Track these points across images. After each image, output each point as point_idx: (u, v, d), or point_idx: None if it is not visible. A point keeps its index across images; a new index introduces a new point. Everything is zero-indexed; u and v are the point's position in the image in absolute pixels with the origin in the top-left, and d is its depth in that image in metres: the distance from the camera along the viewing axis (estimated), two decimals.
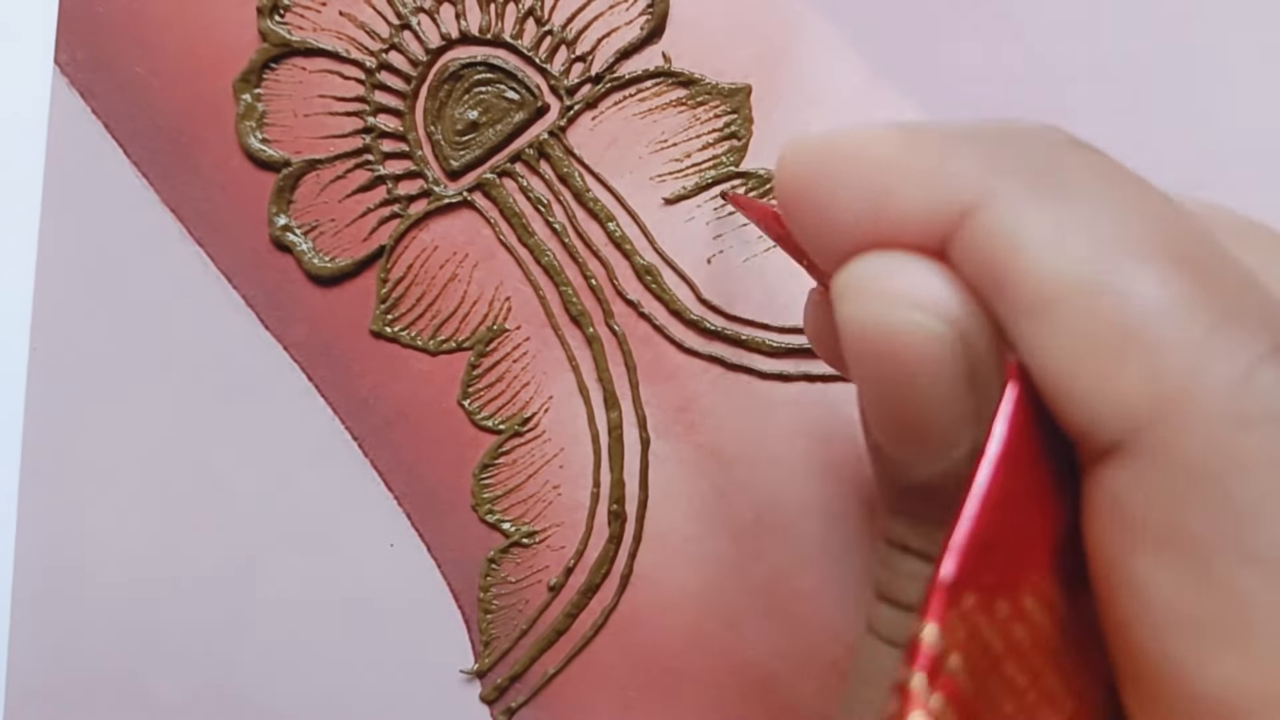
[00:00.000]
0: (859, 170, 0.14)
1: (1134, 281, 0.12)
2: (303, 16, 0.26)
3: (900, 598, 0.15)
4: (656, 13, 0.25)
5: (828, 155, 0.14)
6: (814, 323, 0.20)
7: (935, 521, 0.14)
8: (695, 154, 0.25)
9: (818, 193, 0.14)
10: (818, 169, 0.14)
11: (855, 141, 0.14)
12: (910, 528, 0.15)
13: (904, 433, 0.14)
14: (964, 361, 0.13)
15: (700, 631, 0.24)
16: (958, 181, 0.13)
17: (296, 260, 0.25)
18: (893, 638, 0.14)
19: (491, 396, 0.25)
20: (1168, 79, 0.25)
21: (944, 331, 0.13)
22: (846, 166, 0.14)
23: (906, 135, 0.14)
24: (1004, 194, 0.13)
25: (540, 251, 0.25)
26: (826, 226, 0.14)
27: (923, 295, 0.13)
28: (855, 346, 0.13)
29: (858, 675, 0.15)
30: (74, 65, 0.26)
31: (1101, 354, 0.12)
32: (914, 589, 0.14)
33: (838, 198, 0.14)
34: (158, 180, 0.26)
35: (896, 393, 0.13)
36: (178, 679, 0.25)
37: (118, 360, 0.26)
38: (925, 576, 0.14)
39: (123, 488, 0.25)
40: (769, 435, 0.25)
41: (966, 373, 0.13)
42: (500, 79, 0.26)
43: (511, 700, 0.25)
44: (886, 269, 0.13)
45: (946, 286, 0.13)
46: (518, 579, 0.25)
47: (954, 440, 0.13)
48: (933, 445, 0.14)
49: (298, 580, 0.25)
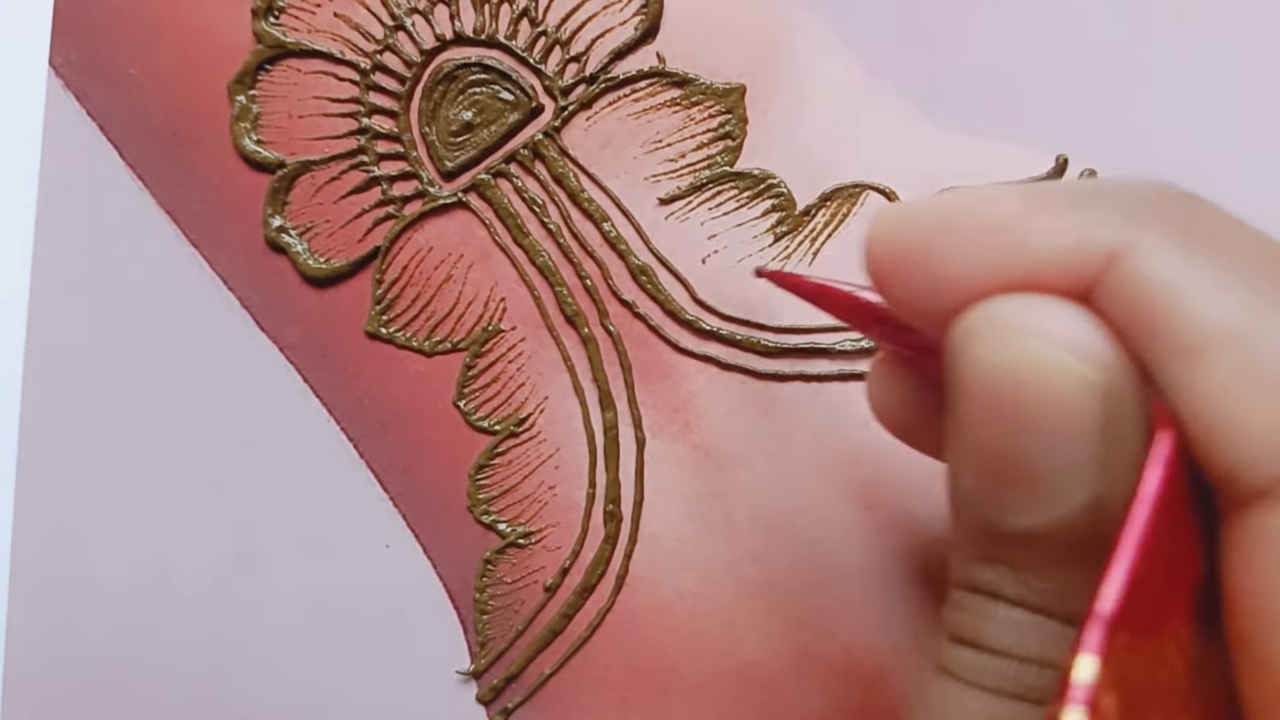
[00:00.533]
0: (982, 226, 0.14)
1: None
2: (297, 18, 0.26)
3: (990, 643, 0.15)
4: (650, 13, 0.25)
5: (937, 218, 0.15)
6: (883, 392, 0.19)
7: (1036, 571, 0.14)
8: (690, 154, 0.25)
9: (930, 254, 0.15)
10: (927, 232, 0.15)
11: (969, 202, 0.15)
12: (1005, 575, 0.15)
13: (1023, 479, 0.14)
14: (1104, 407, 0.13)
15: (696, 632, 0.24)
16: (1100, 230, 0.13)
17: (292, 261, 0.25)
18: (979, 681, 0.15)
19: (487, 397, 0.25)
20: (1167, 79, 0.25)
21: (1094, 376, 0.13)
22: (965, 224, 0.14)
23: (1029, 191, 0.14)
24: (1151, 242, 0.13)
25: (535, 252, 0.25)
26: (940, 285, 0.14)
27: (1074, 338, 0.13)
28: (988, 387, 0.13)
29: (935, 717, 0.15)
30: (69, 67, 0.26)
31: (1259, 396, 0.12)
32: (1009, 635, 0.14)
33: (957, 255, 0.14)
34: (153, 182, 0.26)
35: (1028, 438, 0.13)
36: (173, 680, 0.25)
37: (113, 362, 0.26)
38: (1025, 624, 0.14)
39: (118, 489, 0.25)
40: (765, 435, 0.25)
41: (1104, 419, 0.13)
42: (495, 80, 0.26)
43: (508, 701, 0.25)
44: (1033, 310, 0.13)
45: (1095, 330, 0.13)
46: (514, 579, 0.25)
47: (1076, 489, 0.13)
48: (1053, 493, 0.14)
49: (293, 581, 0.25)
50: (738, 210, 0.25)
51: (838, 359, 0.25)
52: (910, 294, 0.15)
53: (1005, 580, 0.14)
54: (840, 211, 0.25)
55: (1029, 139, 0.25)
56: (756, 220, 0.25)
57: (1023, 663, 0.14)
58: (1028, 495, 0.14)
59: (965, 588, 0.15)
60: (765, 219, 0.25)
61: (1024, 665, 0.14)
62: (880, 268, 0.15)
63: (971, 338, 0.14)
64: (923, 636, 0.24)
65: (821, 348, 0.25)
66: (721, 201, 0.25)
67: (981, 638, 0.15)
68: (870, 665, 0.24)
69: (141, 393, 0.26)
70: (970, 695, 0.14)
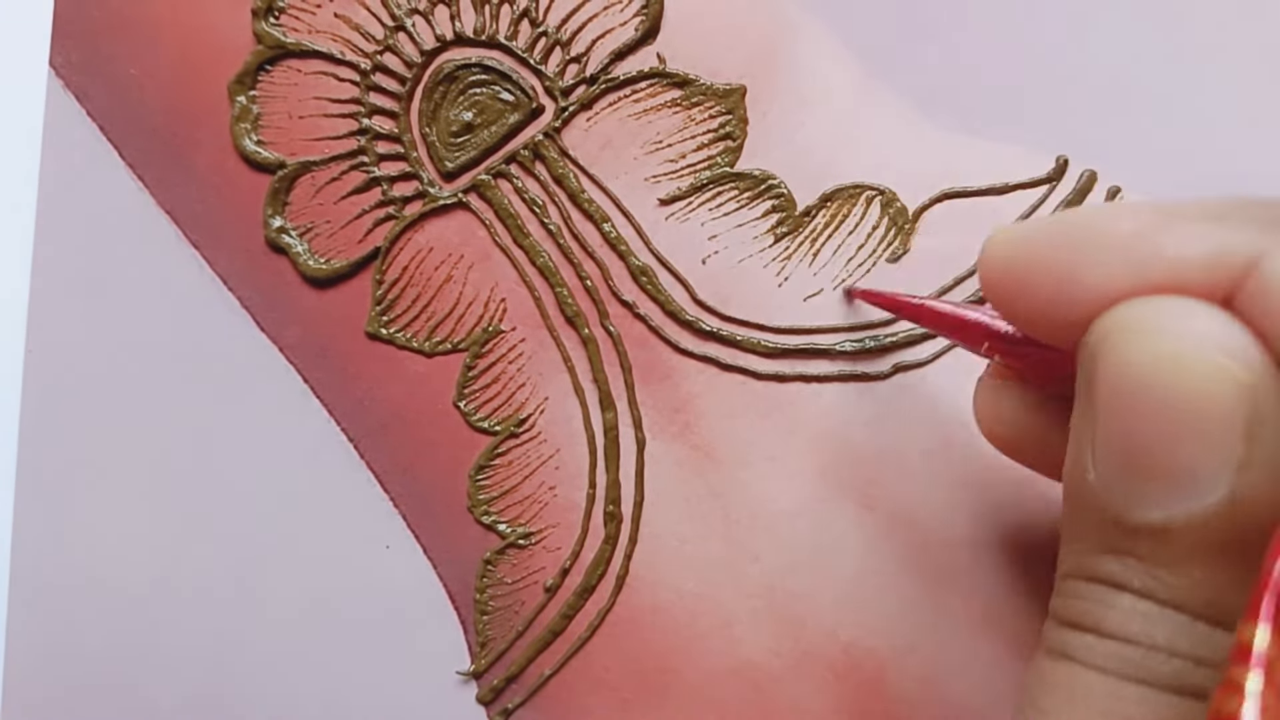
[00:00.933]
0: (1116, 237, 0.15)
1: None
2: (298, 18, 0.26)
3: (1112, 630, 0.15)
4: (651, 14, 0.25)
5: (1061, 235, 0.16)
6: (990, 407, 0.20)
7: (1166, 565, 0.15)
8: (690, 155, 0.25)
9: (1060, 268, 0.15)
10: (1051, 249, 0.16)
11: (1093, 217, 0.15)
12: (1132, 568, 0.15)
13: (1163, 473, 0.14)
14: (1250, 408, 0.14)
15: (696, 632, 0.24)
16: (1236, 238, 0.14)
17: (292, 262, 0.25)
18: (1102, 665, 0.15)
19: (487, 398, 0.25)
20: (1167, 79, 0.25)
21: (1243, 377, 0.14)
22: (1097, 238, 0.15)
23: (1155, 206, 0.15)
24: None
25: (535, 253, 0.25)
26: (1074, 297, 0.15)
27: (1225, 339, 0.14)
28: (1136, 382, 0.14)
29: (1059, 699, 0.15)
30: (69, 67, 0.26)
31: None
32: (1134, 624, 0.15)
33: (1092, 266, 0.15)
34: (153, 182, 0.26)
35: (1173, 433, 0.14)
36: (174, 680, 0.25)
37: (113, 362, 0.26)
38: (1151, 615, 0.15)
39: (118, 490, 0.25)
40: (765, 436, 0.25)
41: (1249, 420, 0.14)
42: (495, 80, 0.26)
43: (508, 701, 0.25)
44: (1185, 310, 0.14)
45: (1244, 333, 0.14)
46: (514, 580, 0.25)
47: (1214, 486, 0.14)
48: (1192, 489, 0.14)
49: (293, 582, 0.25)
50: (738, 211, 0.25)
51: (838, 360, 0.25)
52: (1037, 308, 0.16)
53: (1132, 572, 0.15)
54: (840, 212, 0.25)
55: (1029, 139, 0.25)
56: (757, 221, 0.25)
57: (1149, 650, 0.15)
58: (1165, 489, 0.14)
59: (1083, 578, 0.16)
60: (765, 220, 0.25)
61: (1150, 652, 0.15)
62: (1001, 286, 0.16)
63: (1120, 335, 0.14)
64: (923, 637, 0.24)
65: (821, 349, 0.25)
66: (722, 202, 0.25)
67: (1103, 625, 0.15)
68: (870, 665, 0.24)
69: (142, 393, 0.26)
70: (1093, 677, 0.15)
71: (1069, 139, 0.25)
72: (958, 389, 0.24)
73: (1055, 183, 0.25)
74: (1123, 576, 0.15)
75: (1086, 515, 0.16)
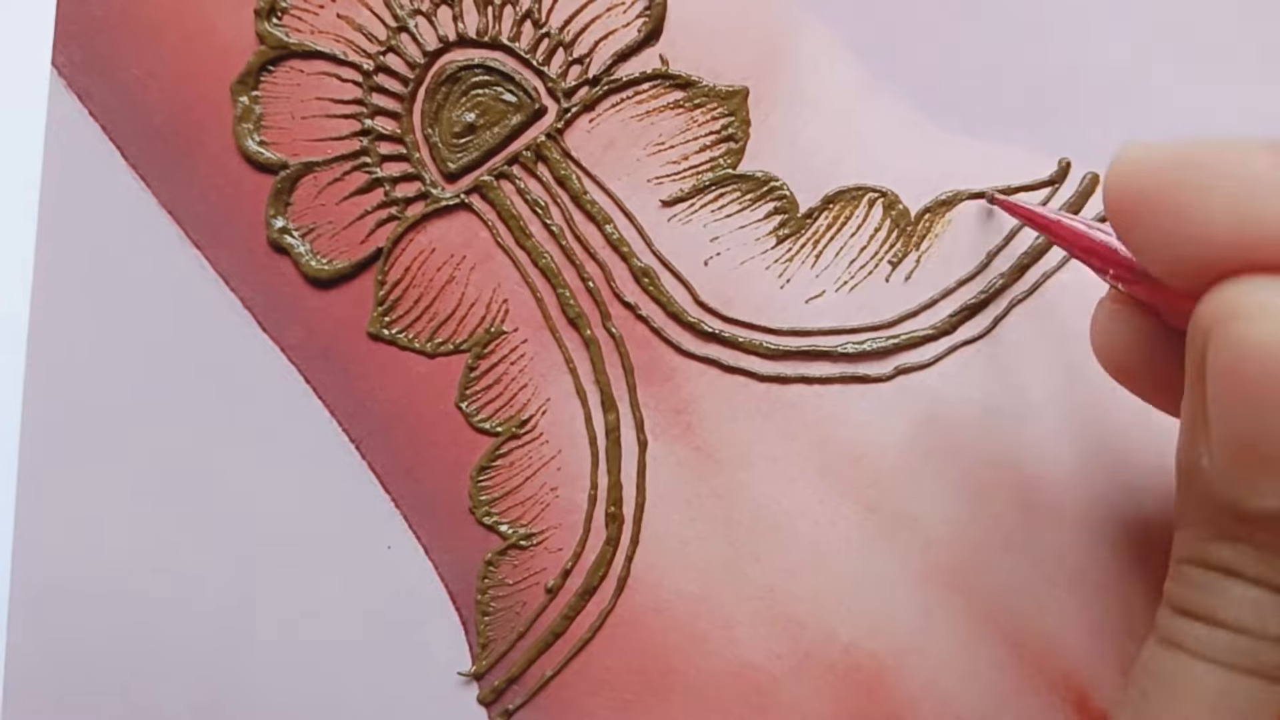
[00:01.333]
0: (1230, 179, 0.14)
1: None
2: (300, 19, 0.26)
3: (1225, 620, 0.15)
4: (654, 15, 0.25)
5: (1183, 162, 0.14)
6: (1107, 334, 0.19)
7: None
8: (692, 156, 0.25)
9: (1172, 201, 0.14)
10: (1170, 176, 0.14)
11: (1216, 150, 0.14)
12: (1246, 554, 0.15)
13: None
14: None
15: (697, 634, 0.24)
16: None
17: (294, 262, 0.25)
18: (1213, 655, 0.15)
19: (489, 399, 0.25)
20: (1167, 80, 0.25)
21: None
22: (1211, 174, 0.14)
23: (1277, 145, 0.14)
24: None
25: (538, 254, 0.25)
26: (1182, 236, 0.14)
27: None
28: (1253, 368, 0.13)
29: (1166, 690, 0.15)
30: (72, 68, 0.26)
31: None
32: (1247, 613, 0.15)
33: (1202, 207, 0.14)
34: (155, 182, 0.26)
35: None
36: (174, 682, 0.25)
37: (115, 363, 0.26)
38: (1265, 602, 0.15)
39: (120, 491, 0.25)
40: (766, 437, 0.25)
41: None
42: (498, 81, 0.26)
43: (509, 702, 0.25)
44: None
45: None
46: (515, 581, 0.25)
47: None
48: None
49: (295, 583, 0.25)
50: (740, 213, 0.25)
51: (839, 361, 0.25)
52: (1149, 240, 0.15)
53: (1246, 559, 0.15)
54: (843, 214, 0.25)
55: (1031, 141, 0.25)
56: (759, 223, 0.25)
57: (1260, 640, 0.14)
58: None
59: (1197, 564, 0.15)
60: (768, 221, 0.25)
61: (1261, 643, 0.14)
62: (1120, 208, 0.15)
63: (1234, 319, 0.14)
64: (924, 638, 0.24)
65: (823, 350, 0.25)
66: (724, 204, 0.25)
67: (1216, 614, 0.15)
68: (871, 666, 0.24)
69: (143, 393, 0.26)
70: (1202, 668, 0.15)
71: (1070, 140, 0.25)
72: (959, 391, 0.24)
73: (1058, 185, 0.25)
74: (1237, 563, 0.15)
75: (1201, 500, 0.15)
